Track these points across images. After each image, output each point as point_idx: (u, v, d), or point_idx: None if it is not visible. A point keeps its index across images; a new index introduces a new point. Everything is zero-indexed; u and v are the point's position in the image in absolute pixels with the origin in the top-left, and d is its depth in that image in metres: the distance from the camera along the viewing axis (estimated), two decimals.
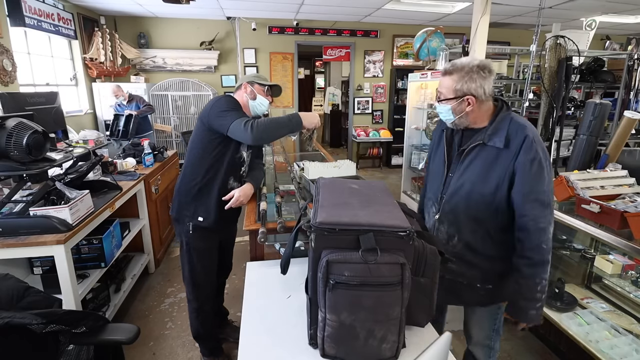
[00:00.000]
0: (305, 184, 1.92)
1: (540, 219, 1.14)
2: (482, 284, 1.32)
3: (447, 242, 1.31)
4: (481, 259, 1.29)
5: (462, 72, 1.15)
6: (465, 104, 1.18)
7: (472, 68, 1.14)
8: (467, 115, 1.20)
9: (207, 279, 1.85)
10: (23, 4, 3.66)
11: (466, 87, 1.16)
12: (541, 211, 1.14)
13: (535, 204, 1.14)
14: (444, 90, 1.22)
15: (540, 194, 1.14)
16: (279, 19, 5.95)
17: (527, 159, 1.13)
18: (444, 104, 1.22)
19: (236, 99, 1.74)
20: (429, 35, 3.83)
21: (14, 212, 1.72)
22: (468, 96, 1.16)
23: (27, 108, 2.39)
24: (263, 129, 1.57)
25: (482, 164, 1.20)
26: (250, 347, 0.98)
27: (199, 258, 1.79)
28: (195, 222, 1.74)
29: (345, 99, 8.08)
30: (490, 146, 1.18)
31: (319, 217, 0.85)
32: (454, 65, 1.18)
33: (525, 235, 1.16)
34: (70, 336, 1.12)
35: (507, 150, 1.15)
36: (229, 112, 1.62)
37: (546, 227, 1.14)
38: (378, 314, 0.84)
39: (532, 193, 1.13)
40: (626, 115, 2.27)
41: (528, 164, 1.13)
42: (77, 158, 2.00)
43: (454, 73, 1.17)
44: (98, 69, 4.99)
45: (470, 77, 1.15)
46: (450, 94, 1.20)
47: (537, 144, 1.14)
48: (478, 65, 1.14)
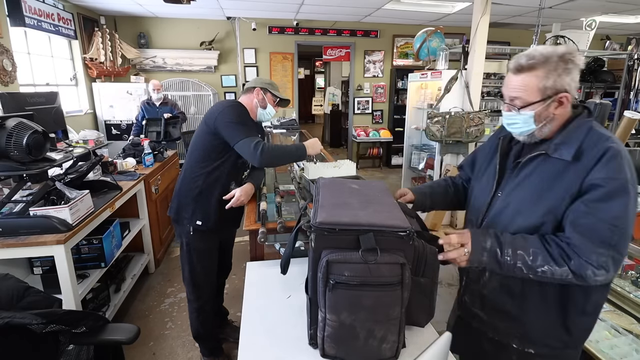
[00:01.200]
0: (305, 184, 1.92)
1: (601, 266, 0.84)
2: (520, 345, 1.03)
3: (478, 279, 1.07)
4: (521, 306, 1.00)
5: (550, 65, 0.88)
6: (554, 105, 0.91)
7: (561, 57, 0.88)
8: (552, 122, 0.93)
9: (208, 279, 1.84)
10: (23, 4, 3.66)
11: (559, 82, 0.89)
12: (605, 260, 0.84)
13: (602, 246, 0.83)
14: (522, 93, 0.92)
15: (609, 230, 0.83)
16: (279, 19, 5.95)
17: (605, 176, 0.84)
18: (527, 110, 0.93)
19: (245, 107, 1.72)
20: (429, 35, 3.83)
21: (14, 212, 1.72)
22: (562, 94, 0.90)
23: (27, 108, 2.40)
24: (271, 156, 1.59)
25: (539, 181, 0.94)
26: (250, 347, 0.97)
27: (199, 258, 1.79)
28: (194, 225, 1.73)
29: (345, 99, 8.08)
30: (554, 159, 0.92)
31: (319, 217, 0.85)
32: (534, 58, 0.90)
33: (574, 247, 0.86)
34: (70, 336, 1.12)
35: (576, 164, 0.88)
36: (240, 126, 1.61)
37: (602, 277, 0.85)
38: (378, 314, 0.84)
39: (598, 227, 0.83)
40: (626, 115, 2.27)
41: (604, 182, 0.84)
42: (77, 158, 2.00)
43: (537, 68, 0.89)
44: (98, 69, 4.99)
45: (564, 69, 0.88)
46: (534, 96, 0.91)
47: (624, 159, 0.85)
48: (567, 53, 0.89)
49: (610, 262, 0.84)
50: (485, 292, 1.05)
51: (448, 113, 3.45)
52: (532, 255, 0.88)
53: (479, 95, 3.66)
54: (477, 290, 1.08)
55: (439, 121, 3.47)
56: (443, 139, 3.48)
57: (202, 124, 1.70)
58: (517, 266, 0.90)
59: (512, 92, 0.94)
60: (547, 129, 0.94)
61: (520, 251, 0.89)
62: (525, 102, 0.92)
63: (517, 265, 0.89)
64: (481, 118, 3.47)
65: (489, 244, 0.92)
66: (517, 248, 0.90)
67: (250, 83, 1.82)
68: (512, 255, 0.90)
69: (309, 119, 12.00)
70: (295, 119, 5.98)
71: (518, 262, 0.89)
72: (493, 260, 0.92)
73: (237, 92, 6.10)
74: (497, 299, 1.04)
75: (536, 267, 0.88)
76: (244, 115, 1.67)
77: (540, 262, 0.87)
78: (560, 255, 0.87)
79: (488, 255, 0.92)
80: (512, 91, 0.94)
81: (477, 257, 0.93)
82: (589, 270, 0.84)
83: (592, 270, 0.84)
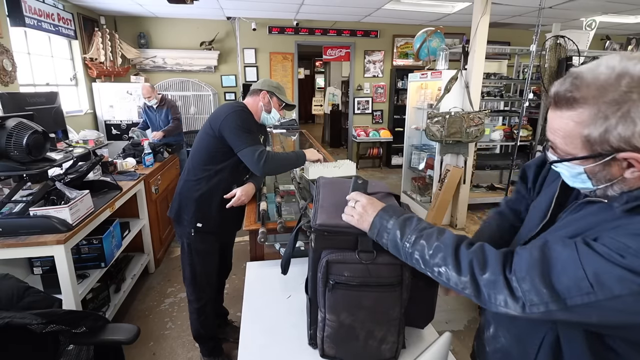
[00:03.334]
0: (305, 184, 1.92)
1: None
2: None
3: (482, 330, 0.89)
4: None
5: (604, 100, 0.56)
6: (620, 164, 0.59)
7: (630, 87, 0.54)
8: (623, 183, 0.61)
9: (208, 280, 1.84)
10: (23, 4, 3.66)
11: (615, 134, 0.56)
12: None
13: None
14: (558, 139, 0.63)
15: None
16: (279, 19, 5.95)
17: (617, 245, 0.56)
18: (570, 163, 0.63)
19: (249, 112, 1.71)
20: (429, 35, 3.83)
21: (14, 212, 1.72)
22: (626, 154, 0.56)
23: (27, 108, 2.40)
24: (274, 166, 1.61)
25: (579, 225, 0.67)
26: (250, 347, 0.98)
27: (200, 259, 1.79)
28: (194, 226, 1.73)
29: (345, 99, 8.08)
30: (597, 202, 0.66)
31: (319, 217, 0.85)
32: (579, 81, 0.58)
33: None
34: (70, 336, 1.12)
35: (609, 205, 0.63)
36: (244, 134, 1.60)
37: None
38: (378, 314, 0.85)
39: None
40: None
41: None
42: (77, 158, 2.00)
43: (580, 102, 0.58)
44: (98, 69, 4.99)
45: (625, 113, 0.54)
46: (576, 149, 0.61)
47: None
48: (631, 79, 0.54)
49: (531, 300, 0.61)
50: (488, 350, 0.86)
51: (448, 113, 3.45)
52: (433, 250, 0.70)
53: (479, 95, 3.66)
54: (482, 342, 0.90)
55: (439, 121, 3.47)
56: (443, 139, 3.48)
57: (207, 126, 1.69)
58: (413, 256, 0.73)
59: (549, 134, 0.65)
60: (617, 189, 0.62)
61: (422, 241, 0.72)
62: (565, 152, 0.63)
63: (415, 255, 0.73)
64: (481, 118, 3.47)
65: (391, 223, 0.77)
66: (421, 238, 0.73)
67: (257, 85, 1.80)
68: (413, 243, 0.73)
69: (309, 119, 12.00)
70: (295, 119, 5.98)
71: (416, 252, 0.72)
72: (393, 244, 0.76)
73: (237, 92, 6.10)
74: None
75: (433, 263, 0.70)
76: (248, 122, 1.66)
77: (439, 260, 0.69)
78: (470, 261, 0.67)
79: (388, 237, 0.77)
80: (549, 132, 0.65)
81: (375, 232, 0.78)
82: (501, 295, 0.63)
83: (504, 296, 0.63)
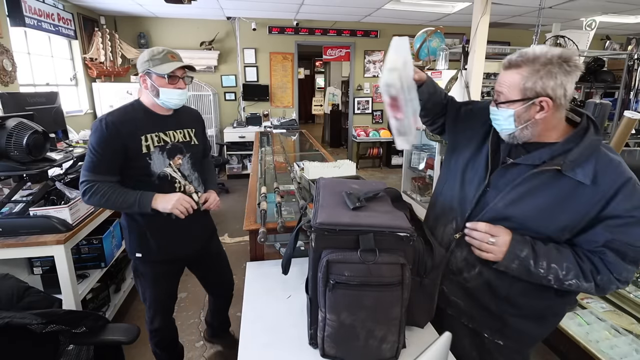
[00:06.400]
0: (305, 184, 1.92)
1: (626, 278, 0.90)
2: (491, 335, 1.06)
3: (460, 271, 1.06)
4: (503, 307, 1.02)
5: (536, 65, 0.86)
6: (535, 108, 0.88)
7: (550, 59, 0.85)
8: (534, 126, 0.91)
9: (162, 306, 1.67)
10: (23, 4, 3.66)
11: (540, 84, 0.86)
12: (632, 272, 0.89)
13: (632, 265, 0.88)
14: (504, 88, 0.92)
15: (635, 251, 0.87)
16: (279, 19, 5.95)
17: (631, 207, 0.85)
18: (505, 107, 0.92)
19: (112, 120, 1.33)
20: (429, 35, 3.83)
21: (14, 212, 1.72)
22: (542, 98, 0.87)
23: (27, 108, 2.39)
24: (98, 203, 1.34)
25: (550, 199, 0.90)
26: (250, 347, 0.97)
27: (149, 285, 1.58)
28: (134, 257, 1.51)
29: (345, 99, 8.08)
30: (567, 177, 0.88)
31: (319, 217, 0.85)
32: (524, 55, 0.88)
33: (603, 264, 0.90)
34: (70, 336, 1.12)
35: (593, 187, 0.87)
36: (91, 155, 1.32)
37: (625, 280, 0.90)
38: (378, 314, 0.84)
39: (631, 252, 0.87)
40: (626, 115, 2.27)
41: (629, 213, 0.85)
42: (77, 158, 2.00)
43: (523, 65, 0.88)
44: (98, 69, 4.99)
45: (548, 72, 0.85)
46: (515, 94, 0.90)
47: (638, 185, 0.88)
48: (560, 56, 0.85)
49: (632, 278, 0.91)
50: (469, 286, 1.05)
51: None
52: (565, 270, 0.90)
53: (479, 95, 3.66)
54: (459, 282, 1.07)
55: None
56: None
57: None
58: (547, 278, 0.91)
59: (498, 87, 0.95)
60: (528, 132, 0.92)
61: (554, 265, 0.90)
62: (506, 98, 0.92)
63: (548, 277, 0.91)
64: None
65: (525, 253, 0.91)
66: (551, 261, 0.90)
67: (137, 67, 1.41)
68: (546, 268, 0.90)
69: (309, 119, 12.00)
70: (295, 119, 5.97)
71: (550, 275, 0.91)
72: (523, 269, 0.92)
73: (237, 92, 6.10)
74: (480, 295, 1.04)
75: (565, 280, 0.90)
76: (96, 140, 1.31)
77: (571, 277, 0.90)
78: (590, 271, 0.89)
79: (519, 264, 0.92)
80: (498, 85, 0.95)
81: (507, 262, 0.93)
82: (614, 285, 0.90)
83: (617, 285, 0.90)
